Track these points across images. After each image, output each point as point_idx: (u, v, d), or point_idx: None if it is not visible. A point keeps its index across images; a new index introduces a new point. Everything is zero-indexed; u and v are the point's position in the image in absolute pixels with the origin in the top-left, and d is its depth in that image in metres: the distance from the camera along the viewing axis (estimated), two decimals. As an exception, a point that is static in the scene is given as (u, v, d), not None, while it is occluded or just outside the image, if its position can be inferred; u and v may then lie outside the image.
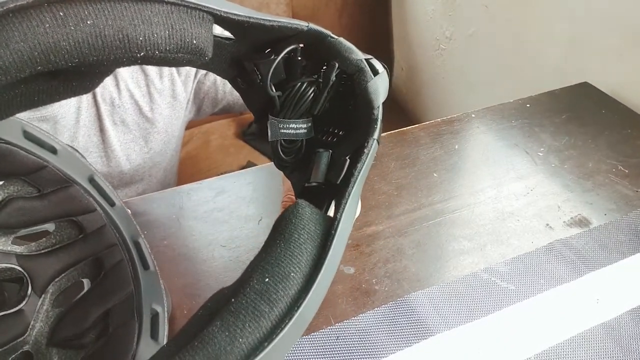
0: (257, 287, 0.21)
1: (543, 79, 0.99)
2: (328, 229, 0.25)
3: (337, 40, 0.30)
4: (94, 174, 0.34)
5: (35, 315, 0.35)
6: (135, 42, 0.21)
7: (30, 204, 0.34)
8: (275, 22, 0.26)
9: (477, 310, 0.46)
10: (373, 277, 0.49)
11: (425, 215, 0.56)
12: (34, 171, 0.32)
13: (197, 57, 0.24)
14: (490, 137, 0.68)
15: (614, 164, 0.63)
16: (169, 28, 0.22)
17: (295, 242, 0.23)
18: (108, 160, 0.67)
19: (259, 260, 0.23)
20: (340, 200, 0.27)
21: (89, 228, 0.36)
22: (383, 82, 0.31)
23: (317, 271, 0.23)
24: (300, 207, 0.25)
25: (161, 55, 0.22)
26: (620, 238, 0.53)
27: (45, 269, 0.36)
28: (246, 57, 0.30)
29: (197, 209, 0.55)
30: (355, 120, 0.31)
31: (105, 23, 0.20)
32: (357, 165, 0.28)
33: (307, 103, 0.31)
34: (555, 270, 0.50)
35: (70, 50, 0.19)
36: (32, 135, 0.32)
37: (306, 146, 0.34)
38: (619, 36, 0.80)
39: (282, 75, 0.30)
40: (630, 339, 0.44)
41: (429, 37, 1.37)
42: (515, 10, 1.03)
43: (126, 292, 0.34)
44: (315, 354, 0.42)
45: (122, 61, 0.21)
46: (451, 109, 1.36)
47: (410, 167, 0.63)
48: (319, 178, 0.31)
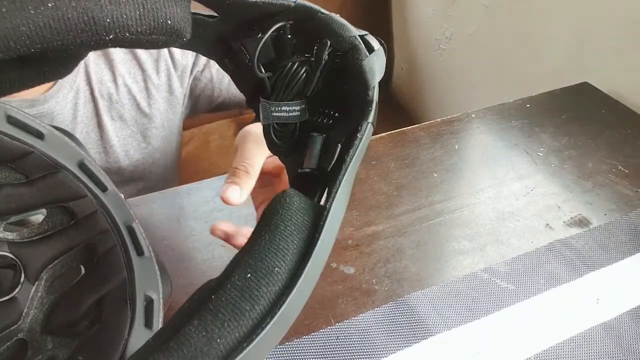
0: (238, 283, 0.21)
1: (543, 79, 0.99)
2: (317, 220, 0.24)
3: (329, 16, 0.28)
4: (84, 159, 0.33)
5: (29, 303, 0.34)
6: (102, 24, 0.20)
7: (18, 190, 0.33)
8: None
9: (477, 310, 0.46)
10: (373, 277, 0.49)
11: (425, 215, 0.56)
12: (19, 157, 0.31)
13: (173, 38, 0.23)
14: (490, 137, 0.68)
15: (614, 164, 0.63)
16: (140, 8, 0.21)
17: (281, 234, 0.22)
18: (107, 156, 0.67)
19: (243, 254, 0.22)
20: (331, 188, 0.25)
21: (80, 214, 0.36)
22: (379, 59, 0.29)
23: (303, 265, 0.22)
24: (288, 197, 0.24)
25: (132, 37, 0.21)
26: (620, 238, 0.53)
27: (38, 255, 0.35)
28: (232, 36, 0.29)
29: (197, 209, 0.55)
30: (350, 101, 0.29)
31: (68, 5, 0.19)
32: (350, 150, 0.26)
33: (300, 84, 0.30)
34: (555, 271, 0.50)
35: (30, 35, 0.18)
36: (16, 119, 0.31)
37: (300, 129, 0.32)
38: (619, 36, 0.80)
39: (272, 54, 0.29)
40: (630, 339, 0.44)
41: (429, 37, 1.37)
42: (516, 10, 1.03)
43: (119, 279, 0.33)
44: (315, 354, 0.42)
45: (90, 44, 0.20)
46: (451, 109, 1.36)
47: (410, 167, 0.63)
48: (311, 164, 0.29)
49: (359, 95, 0.28)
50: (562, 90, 0.78)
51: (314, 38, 0.29)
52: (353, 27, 0.29)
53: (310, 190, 0.28)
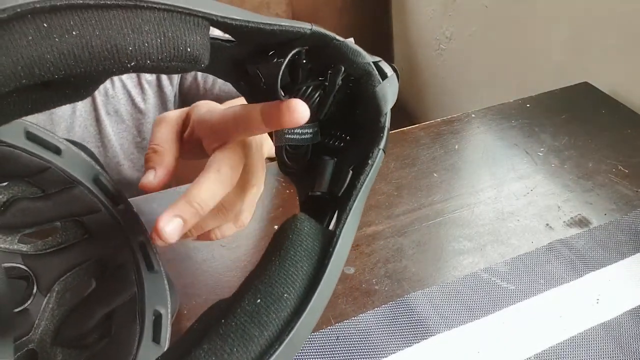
0: (248, 309, 0.21)
1: (543, 79, 0.99)
2: (326, 245, 0.24)
3: (343, 42, 0.28)
4: (100, 174, 0.34)
5: (40, 314, 0.35)
6: (125, 51, 0.20)
7: (34, 204, 0.34)
8: (277, 25, 0.25)
9: (477, 310, 0.46)
10: (373, 277, 0.49)
11: (426, 215, 0.56)
12: (36, 173, 0.32)
13: (192, 65, 0.23)
14: (490, 137, 0.68)
15: (614, 164, 0.63)
16: (161, 36, 0.21)
17: (291, 260, 0.23)
18: (105, 150, 0.68)
19: (253, 278, 0.22)
20: (341, 214, 0.26)
21: (93, 228, 0.36)
22: (392, 86, 0.29)
23: (312, 292, 0.22)
24: (299, 222, 0.25)
25: (153, 65, 0.21)
26: (620, 238, 0.53)
27: (51, 268, 0.36)
28: (248, 60, 0.29)
29: (197, 209, 0.55)
30: (362, 126, 0.30)
31: (92, 33, 0.19)
32: (360, 177, 0.27)
33: (313, 108, 0.30)
34: (555, 270, 0.50)
35: (55, 63, 0.19)
36: (35, 135, 0.31)
37: (312, 151, 0.33)
38: (619, 36, 0.80)
39: (287, 78, 0.29)
40: (630, 339, 0.44)
41: (429, 37, 1.37)
42: (515, 10, 1.03)
43: (129, 294, 0.34)
44: (315, 354, 0.42)
45: (112, 71, 0.21)
46: (451, 109, 1.36)
47: (410, 167, 0.63)
48: (322, 188, 0.30)
49: (371, 121, 0.29)
50: (562, 90, 0.78)
51: (329, 63, 0.29)
52: (367, 54, 0.29)
53: (321, 213, 0.29)
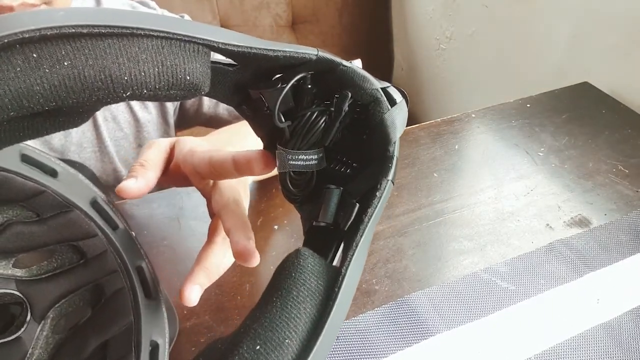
0: (246, 356, 0.20)
1: (543, 78, 0.99)
2: (332, 285, 0.23)
3: (350, 68, 0.27)
4: (97, 196, 0.33)
5: (34, 342, 0.34)
6: (120, 81, 0.19)
7: (29, 228, 0.33)
8: (280, 51, 0.24)
9: (477, 311, 0.46)
10: (373, 277, 0.49)
11: (426, 215, 0.56)
12: (31, 197, 0.31)
13: (192, 93, 0.22)
14: (490, 137, 0.68)
15: (614, 164, 0.63)
16: (159, 65, 0.20)
17: (293, 301, 0.21)
18: (102, 155, 0.67)
19: (253, 321, 0.21)
20: (347, 250, 0.24)
21: (89, 253, 0.35)
22: (401, 112, 0.28)
23: (316, 337, 0.21)
24: (302, 258, 0.23)
25: (150, 94, 0.20)
26: (620, 238, 0.53)
27: (46, 294, 0.35)
28: (251, 85, 0.28)
29: (197, 209, 0.55)
30: (370, 153, 0.28)
31: (84, 63, 0.18)
32: (368, 210, 0.26)
33: (318, 133, 0.29)
34: (556, 271, 0.50)
35: (45, 95, 0.18)
36: (30, 158, 0.30)
37: (317, 178, 0.31)
38: (619, 36, 0.80)
39: (291, 103, 0.28)
40: (630, 339, 0.44)
41: (429, 37, 1.36)
42: (516, 10, 1.03)
43: (125, 323, 0.33)
44: (315, 354, 0.42)
45: (106, 101, 0.20)
46: (451, 109, 1.36)
47: (410, 167, 0.63)
48: (327, 219, 0.28)
49: (379, 149, 0.28)
50: (562, 90, 0.78)
51: (335, 88, 0.28)
52: (375, 80, 0.28)
53: (325, 245, 0.28)
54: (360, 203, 0.27)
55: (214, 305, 0.46)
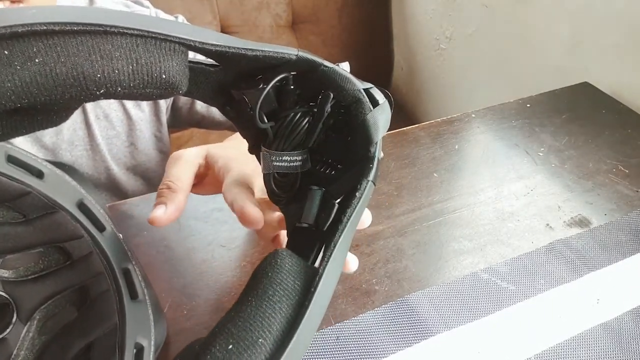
0: (218, 355, 0.19)
1: (543, 78, 0.99)
2: (308, 284, 0.22)
3: (331, 69, 0.27)
4: (84, 198, 0.32)
5: (20, 344, 0.33)
6: (93, 79, 0.19)
7: (15, 229, 0.33)
8: (259, 51, 0.24)
9: (477, 311, 0.46)
10: (373, 277, 0.49)
11: (426, 215, 0.56)
12: (16, 197, 0.31)
13: (168, 91, 0.22)
14: (490, 137, 0.68)
15: (614, 164, 0.63)
16: (133, 63, 0.20)
17: (268, 301, 0.21)
18: (94, 153, 0.67)
19: (227, 321, 0.21)
20: (326, 250, 0.24)
21: (75, 254, 0.35)
22: (384, 113, 0.28)
23: (291, 336, 0.20)
24: (279, 258, 0.23)
25: (125, 92, 0.20)
26: (620, 238, 0.53)
27: (32, 295, 0.34)
28: (233, 86, 0.28)
29: (197, 209, 0.55)
30: (353, 155, 0.29)
31: (56, 60, 0.18)
32: (347, 210, 0.26)
33: (301, 134, 0.29)
34: (556, 271, 0.50)
35: (16, 92, 0.18)
36: (16, 159, 0.30)
37: (302, 179, 0.31)
38: (619, 36, 0.80)
39: (274, 104, 0.28)
40: (630, 339, 0.44)
41: (429, 37, 1.36)
42: (516, 10, 1.03)
43: (110, 324, 0.32)
44: (315, 354, 0.42)
45: (80, 99, 0.20)
46: (451, 109, 1.36)
47: (410, 167, 0.63)
48: (309, 220, 0.28)
49: (361, 149, 0.28)
50: (562, 90, 0.78)
51: (318, 89, 0.28)
52: (357, 80, 0.28)
53: (307, 246, 0.28)
54: (340, 204, 0.27)
55: (213, 305, 0.46)
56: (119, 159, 0.70)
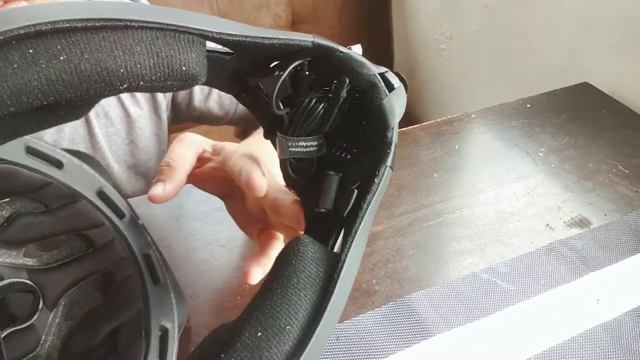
0: (248, 343, 0.20)
1: (543, 79, 0.99)
2: (331, 271, 0.23)
3: (347, 54, 0.27)
4: (103, 186, 0.33)
5: (47, 329, 0.34)
6: (116, 74, 0.19)
7: (38, 219, 0.33)
8: (276, 39, 0.24)
9: (477, 311, 0.46)
10: (373, 277, 0.49)
11: (426, 216, 0.56)
12: (38, 189, 0.31)
13: (188, 83, 0.22)
14: (490, 137, 0.68)
15: (614, 164, 0.63)
16: (154, 56, 0.20)
17: (293, 288, 0.21)
18: (95, 152, 0.67)
19: (254, 308, 0.21)
20: (347, 236, 0.25)
21: (98, 242, 0.36)
22: (399, 98, 0.28)
23: (317, 322, 0.21)
24: (302, 245, 0.23)
25: (147, 85, 0.20)
26: (620, 238, 0.53)
27: (56, 282, 0.35)
28: (249, 73, 0.28)
29: (197, 209, 0.55)
30: (368, 139, 0.29)
31: (80, 57, 0.18)
32: (367, 197, 0.26)
33: (317, 120, 0.29)
34: (556, 271, 0.50)
35: (43, 90, 0.18)
36: (36, 150, 0.30)
37: (318, 164, 0.31)
38: (619, 36, 0.80)
39: (289, 90, 0.28)
40: (630, 340, 0.44)
41: (429, 37, 1.36)
42: (516, 10, 1.03)
43: (135, 309, 0.33)
44: (315, 354, 0.42)
45: (104, 94, 0.20)
46: (451, 109, 1.36)
47: (410, 167, 0.63)
48: (327, 205, 0.29)
49: (377, 134, 0.28)
50: (562, 90, 0.78)
51: (333, 75, 0.28)
52: (373, 65, 0.28)
53: (326, 231, 0.28)
54: (358, 189, 0.27)
55: (214, 305, 0.46)
56: (119, 157, 0.70)
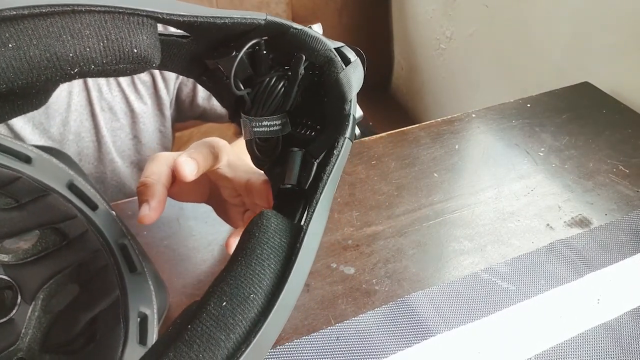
0: (213, 312, 0.20)
1: (544, 78, 0.99)
2: (294, 241, 0.23)
3: (301, 30, 0.28)
4: (74, 179, 0.33)
5: (27, 323, 0.35)
6: (66, 59, 0.19)
7: (9, 215, 0.33)
8: (228, 18, 0.24)
9: (477, 311, 0.46)
10: (373, 277, 0.49)
11: (426, 216, 0.56)
12: (7, 184, 0.31)
13: (141, 65, 0.22)
14: (490, 137, 0.68)
15: (614, 164, 0.63)
16: (104, 39, 0.20)
17: (257, 259, 0.22)
18: (100, 145, 0.68)
19: (219, 281, 0.22)
20: (309, 208, 0.25)
21: (71, 234, 0.36)
22: (356, 72, 0.28)
23: (280, 290, 0.21)
24: (265, 218, 0.24)
25: (99, 69, 0.20)
26: (621, 238, 0.53)
27: (33, 276, 0.35)
28: (206, 55, 0.28)
29: (197, 209, 0.55)
30: (330, 114, 0.29)
31: (29, 43, 0.18)
32: (327, 168, 0.26)
33: (278, 99, 0.30)
34: (556, 271, 0.50)
35: None
36: (2, 146, 0.30)
37: (284, 142, 0.32)
38: (619, 36, 0.80)
39: (249, 70, 0.29)
40: (630, 340, 0.44)
41: (429, 37, 1.36)
42: (516, 10, 1.03)
43: (112, 297, 0.33)
44: (315, 354, 0.42)
45: (55, 79, 0.20)
46: (451, 109, 1.36)
47: (410, 167, 0.63)
48: (292, 180, 0.29)
49: (336, 108, 0.28)
50: (562, 90, 0.78)
51: (290, 52, 0.28)
52: (328, 40, 0.28)
53: (292, 207, 0.28)
54: (319, 162, 0.28)
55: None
56: (123, 152, 0.70)
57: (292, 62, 0.28)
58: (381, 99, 1.60)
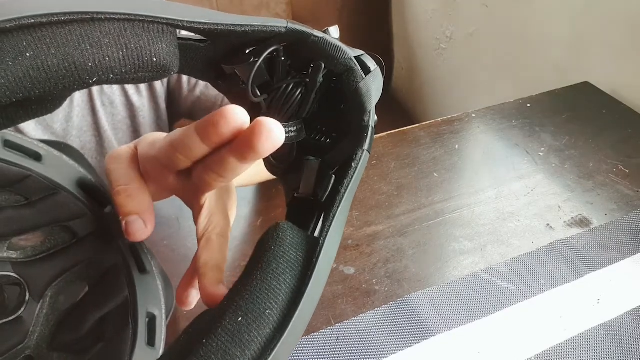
0: (229, 327, 0.20)
1: (544, 78, 0.99)
2: (310, 255, 0.23)
3: (322, 38, 0.27)
4: (84, 177, 0.33)
5: (35, 320, 0.35)
6: (84, 68, 0.19)
7: (19, 212, 0.33)
8: (248, 26, 0.24)
9: (477, 311, 0.46)
10: (373, 277, 0.49)
11: (426, 215, 0.56)
12: (17, 182, 0.31)
13: (160, 74, 0.22)
14: (490, 137, 0.68)
15: (614, 164, 0.63)
16: (123, 48, 0.20)
17: (273, 273, 0.22)
18: (101, 140, 0.68)
19: (234, 294, 0.22)
20: (325, 221, 0.25)
21: (81, 232, 0.36)
22: (376, 81, 0.28)
23: (296, 306, 0.21)
24: (280, 231, 0.24)
25: (117, 78, 0.20)
26: (621, 238, 0.53)
27: (42, 274, 0.35)
28: (224, 60, 0.28)
29: (196, 209, 0.55)
30: (347, 123, 0.29)
31: (47, 52, 0.18)
32: (344, 181, 0.26)
33: (295, 106, 0.29)
34: (556, 271, 0.50)
35: (10, 87, 0.18)
36: (13, 143, 0.30)
37: (299, 149, 0.32)
38: (620, 36, 0.80)
39: (266, 77, 0.28)
40: (630, 340, 0.44)
41: (429, 37, 1.36)
42: (516, 10, 1.03)
43: (122, 297, 0.33)
44: (315, 354, 0.42)
45: (73, 88, 0.20)
46: (451, 109, 1.36)
47: (411, 167, 0.63)
48: (307, 190, 0.29)
49: (355, 119, 0.28)
50: (562, 90, 0.78)
51: (309, 59, 0.28)
52: (348, 48, 0.28)
53: (306, 217, 0.28)
54: (336, 174, 0.28)
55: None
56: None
57: (310, 70, 0.28)
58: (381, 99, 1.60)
